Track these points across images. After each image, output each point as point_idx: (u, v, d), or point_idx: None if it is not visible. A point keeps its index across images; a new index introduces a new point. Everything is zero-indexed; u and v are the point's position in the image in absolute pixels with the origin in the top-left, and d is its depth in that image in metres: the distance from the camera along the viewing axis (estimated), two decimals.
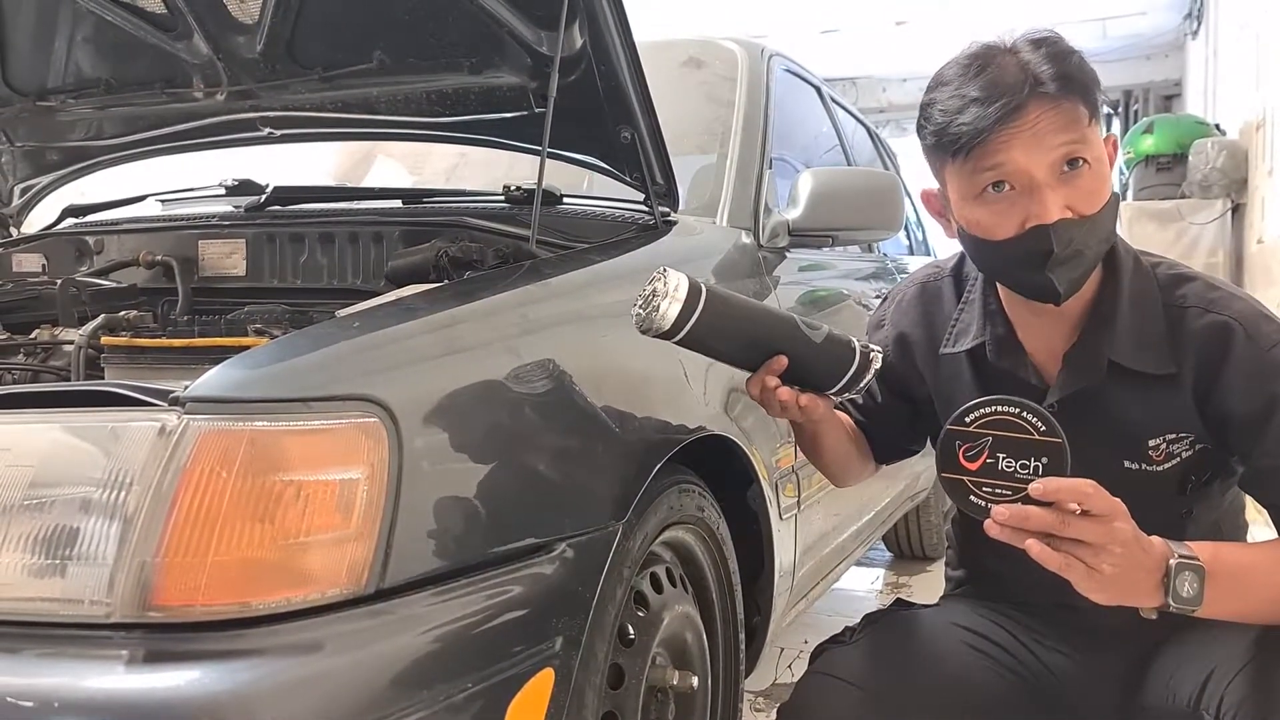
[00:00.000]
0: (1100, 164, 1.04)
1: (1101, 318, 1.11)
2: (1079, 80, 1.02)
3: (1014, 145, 1.01)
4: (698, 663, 1.37)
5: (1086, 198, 1.03)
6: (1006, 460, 0.94)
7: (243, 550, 0.79)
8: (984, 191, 1.04)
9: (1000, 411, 0.95)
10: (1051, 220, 1.01)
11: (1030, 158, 1.01)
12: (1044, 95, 1.01)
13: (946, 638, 1.21)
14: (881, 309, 1.36)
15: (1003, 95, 1.01)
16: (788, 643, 2.43)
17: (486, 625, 0.91)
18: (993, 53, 1.05)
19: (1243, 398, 1.05)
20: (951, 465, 0.96)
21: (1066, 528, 0.90)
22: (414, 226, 1.56)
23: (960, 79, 1.04)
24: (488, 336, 1.05)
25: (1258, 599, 0.99)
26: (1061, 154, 1.01)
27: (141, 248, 1.65)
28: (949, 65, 1.08)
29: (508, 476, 0.98)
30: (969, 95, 1.03)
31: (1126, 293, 1.10)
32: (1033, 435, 0.94)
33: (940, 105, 1.05)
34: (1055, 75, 1.01)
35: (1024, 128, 1.01)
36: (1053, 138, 1.01)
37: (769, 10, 7.74)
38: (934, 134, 1.06)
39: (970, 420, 0.96)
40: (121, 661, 0.75)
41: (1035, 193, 1.02)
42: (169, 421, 0.80)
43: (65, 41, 1.79)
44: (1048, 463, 0.93)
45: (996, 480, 0.94)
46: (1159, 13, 7.83)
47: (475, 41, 1.53)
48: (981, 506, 0.94)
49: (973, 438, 0.95)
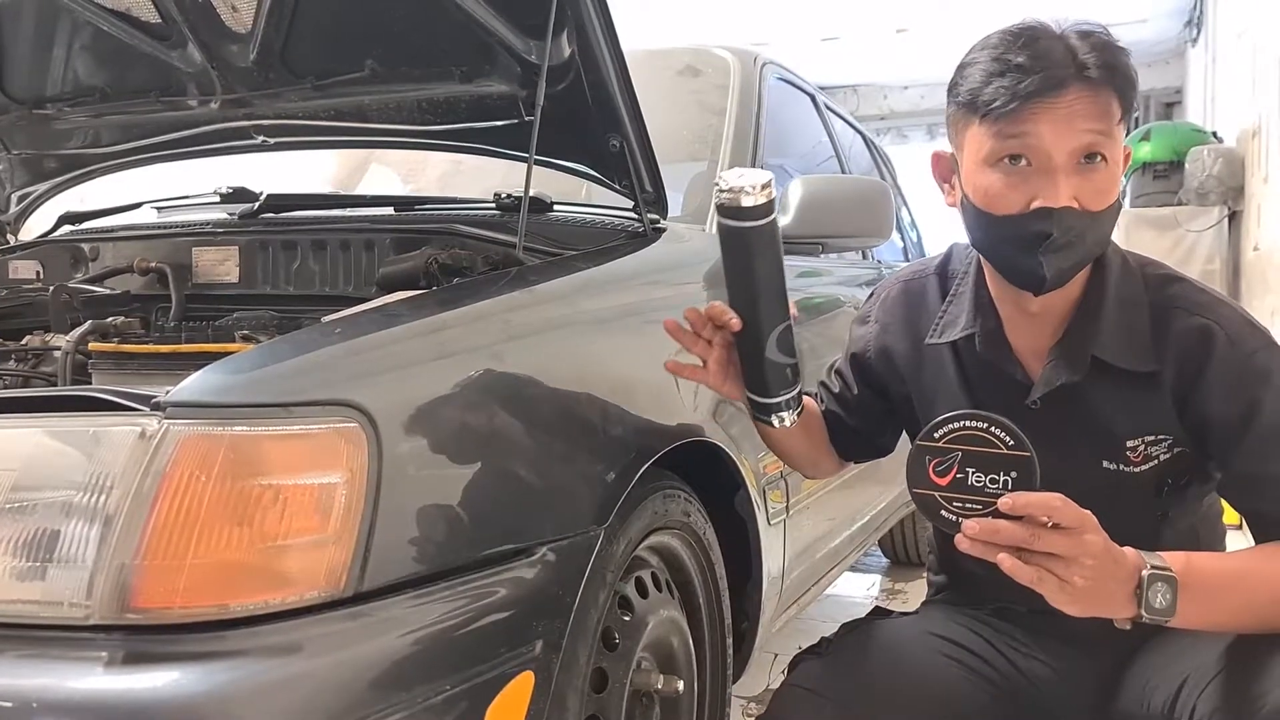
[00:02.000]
0: (1116, 165, 1.05)
1: (1086, 314, 1.11)
2: (1122, 74, 1.03)
3: (1043, 120, 1.01)
4: (684, 667, 1.37)
5: (1095, 194, 1.03)
6: (976, 475, 0.94)
7: (222, 553, 0.80)
8: (1001, 160, 1.05)
9: (969, 426, 0.96)
10: (1059, 205, 1.02)
11: (1056, 137, 1.01)
12: (1087, 79, 1.01)
13: (922, 647, 1.21)
14: (867, 305, 1.37)
15: (1048, 67, 1.01)
16: (781, 648, 2.43)
17: (466, 628, 0.92)
18: (1041, 32, 1.05)
19: (1222, 402, 1.05)
20: (922, 481, 0.97)
21: (1037, 541, 0.90)
22: (405, 234, 1.57)
23: (1007, 45, 1.05)
24: (471, 343, 1.06)
25: (1230, 609, 0.99)
26: (1086, 141, 1.02)
27: (136, 255, 1.66)
28: (994, 33, 1.08)
29: (489, 481, 0.99)
30: (1013, 61, 1.03)
31: (1113, 291, 1.11)
32: (1001, 449, 0.94)
33: (982, 66, 1.05)
34: (1101, 63, 1.01)
35: (1060, 105, 1.01)
36: (1083, 122, 1.01)
37: (770, 18, 7.76)
38: (969, 92, 1.06)
39: (939, 435, 0.97)
40: (101, 663, 0.77)
41: (1050, 174, 1.02)
42: (149, 426, 0.81)
43: (63, 50, 1.81)
44: (1017, 477, 0.93)
45: (967, 495, 0.95)
46: (1160, 20, 7.85)
47: (466, 50, 1.54)
48: (952, 521, 0.95)
49: (942, 453, 0.96)
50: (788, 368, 1.17)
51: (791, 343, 1.16)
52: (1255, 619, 1.00)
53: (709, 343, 1.17)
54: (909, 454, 0.99)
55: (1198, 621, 0.98)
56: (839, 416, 1.36)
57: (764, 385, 1.17)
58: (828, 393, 1.38)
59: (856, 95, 9.84)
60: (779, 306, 1.15)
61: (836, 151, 2.74)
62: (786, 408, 1.19)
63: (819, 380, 1.43)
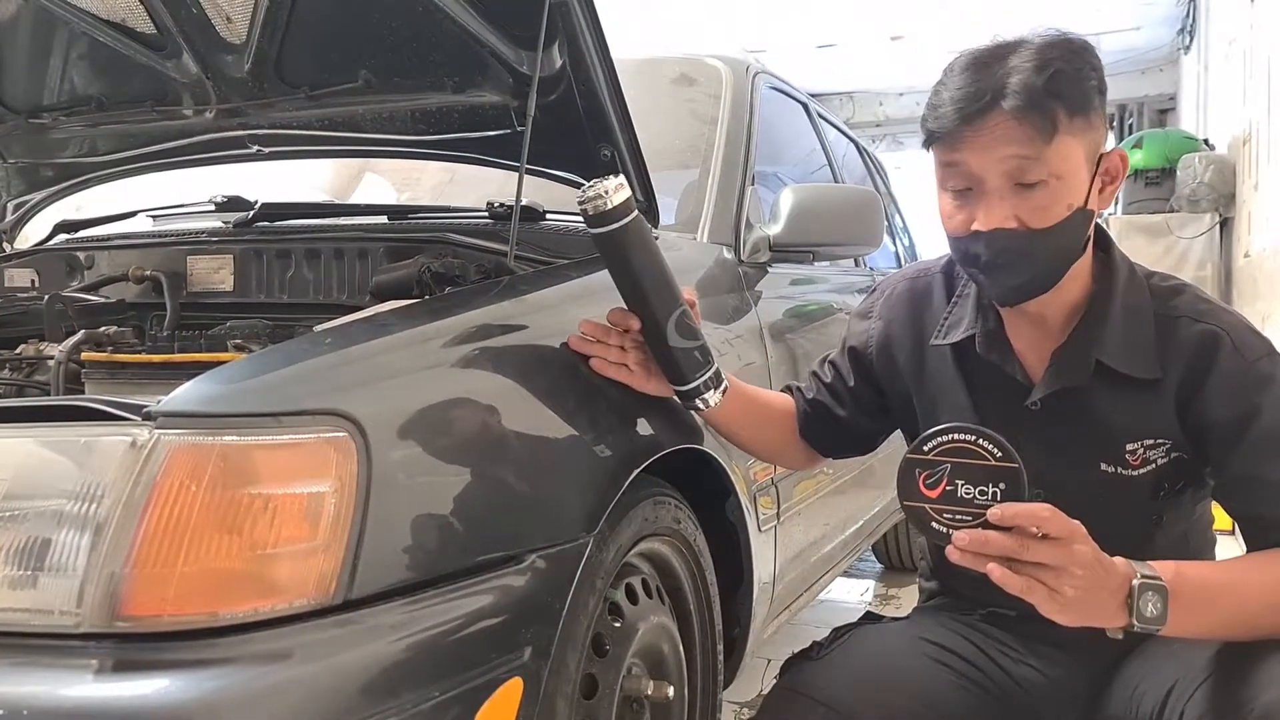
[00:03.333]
0: (1061, 181, 1.05)
1: (1092, 320, 1.13)
2: (1045, 100, 1.03)
3: (968, 148, 1.05)
4: (674, 673, 1.38)
5: (1035, 211, 1.05)
6: (965, 487, 0.96)
7: (212, 561, 0.81)
8: (949, 184, 1.09)
9: (957, 439, 0.97)
10: (987, 228, 1.05)
11: (982, 162, 1.05)
12: (1002, 110, 1.03)
13: (912, 652, 1.22)
14: (869, 300, 1.38)
15: (969, 99, 1.05)
16: (774, 654, 2.43)
17: (454, 635, 0.93)
18: (996, 52, 1.08)
19: (1224, 406, 1.07)
20: (912, 493, 0.99)
21: (1026, 551, 0.92)
22: (398, 242, 1.58)
23: (954, 73, 1.09)
24: (460, 352, 1.07)
25: (1220, 617, 1.01)
26: (1010, 167, 1.04)
27: (132, 263, 1.68)
28: (960, 55, 1.11)
29: (478, 489, 1.00)
30: (946, 92, 1.07)
31: (1119, 299, 1.13)
32: (989, 461, 0.96)
33: (932, 95, 1.10)
34: (1022, 90, 1.02)
35: (981, 133, 1.04)
36: (1003, 149, 1.04)
37: (767, 25, 7.80)
38: (922, 119, 1.12)
39: (928, 448, 0.98)
40: (91, 671, 0.77)
41: (984, 197, 1.06)
42: (140, 436, 0.82)
43: (59, 60, 1.82)
44: (1005, 488, 0.95)
45: (956, 507, 0.96)
46: (1153, 28, 7.89)
47: (458, 61, 1.55)
48: (943, 533, 0.96)
49: (931, 465, 0.98)
50: (695, 350, 1.22)
51: (692, 326, 1.21)
52: (1245, 627, 1.01)
53: (622, 349, 1.20)
54: (899, 466, 1.00)
55: (1189, 630, 0.99)
56: (826, 407, 1.36)
57: (679, 373, 1.22)
58: (818, 383, 1.38)
59: (852, 102, 9.87)
60: (669, 296, 1.19)
61: (829, 159, 2.76)
62: (706, 388, 1.24)
63: (809, 370, 1.44)
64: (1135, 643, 1.12)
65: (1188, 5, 7.30)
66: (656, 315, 1.18)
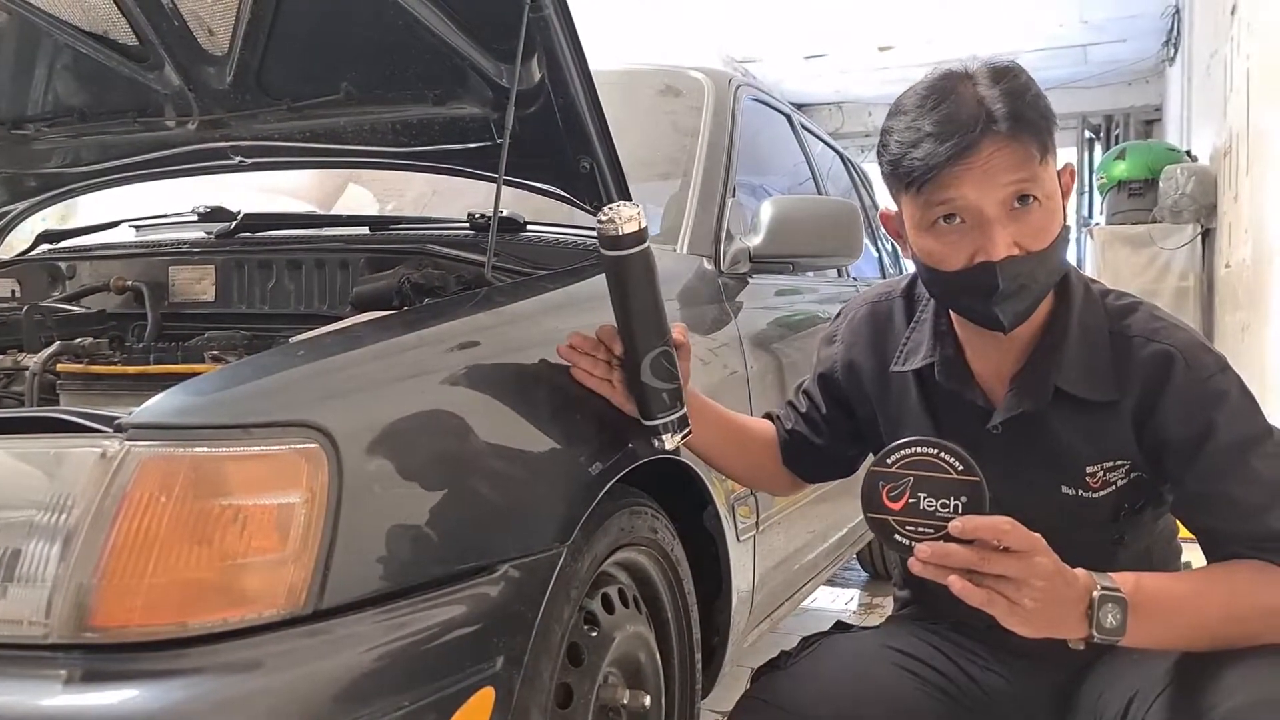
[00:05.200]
0: (1051, 200, 1.05)
1: (1050, 344, 1.13)
2: (1032, 119, 1.03)
3: (965, 182, 1.03)
4: (651, 682, 1.39)
5: (1035, 234, 1.05)
6: (928, 499, 0.97)
7: (181, 571, 0.82)
8: (936, 223, 1.07)
9: (920, 452, 0.99)
10: (999, 258, 1.03)
11: (981, 194, 1.03)
12: (996, 133, 1.02)
13: (880, 660, 1.23)
14: (834, 324, 1.39)
15: (956, 132, 1.02)
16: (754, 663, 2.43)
17: (425, 645, 0.93)
18: (951, 83, 1.06)
19: (1179, 424, 1.08)
20: (876, 505, 1.00)
21: (987, 564, 0.93)
22: (379, 253, 1.59)
23: (917, 110, 1.06)
24: (434, 363, 1.08)
25: (1180, 628, 1.02)
26: (1012, 191, 1.03)
27: (113, 273, 1.68)
28: (908, 93, 1.09)
29: (451, 500, 1.01)
30: (923, 129, 1.04)
31: (1076, 321, 1.13)
32: (951, 474, 0.97)
33: (896, 136, 1.07)
34: (1009, 114, 1.02)
35: (976, 165, 1.02)
36: (1004, 175, 1.03)
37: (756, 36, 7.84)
38: (890, 164, 1.09)
39: (892, 461, 1.00)
40: (59, 681, 0.78)
41: (985, 228, 1.04)
42: (111, 447, 0.83)
43: (42, 72, 1.83)
44: (967, 501, 0.96)
45: (919, 519, 0.98)
46: (1139, 40, 7.96)
47: (438, 74, 1.56)
48: (905, 545, 0.98)
49: (895, 478, 0.99)
50: (664, 392, 1.21)
51: (668, 368, 1.21)
52: (1205, 637, 1.02)
53: (608, 364, 1.21)
54: (864, 479, 1.01)
55: (1148, 640, 1.00)
56: (804, 436, 1.38)
57: (644, 407, 1.23)
58: (794, 413, 1.40)
59: (841, 112, 9.91)
60: (653, 333, 1.19)
61: (812, 170, 2.77)
62: (666, 430, 1.23)
63: (786, 400, 1.45)
64: (1100, 652, 1.13)
65: (1172, 18, 7.36)
66: (637, 347, 1.19)
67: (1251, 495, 1.05)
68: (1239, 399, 1.08)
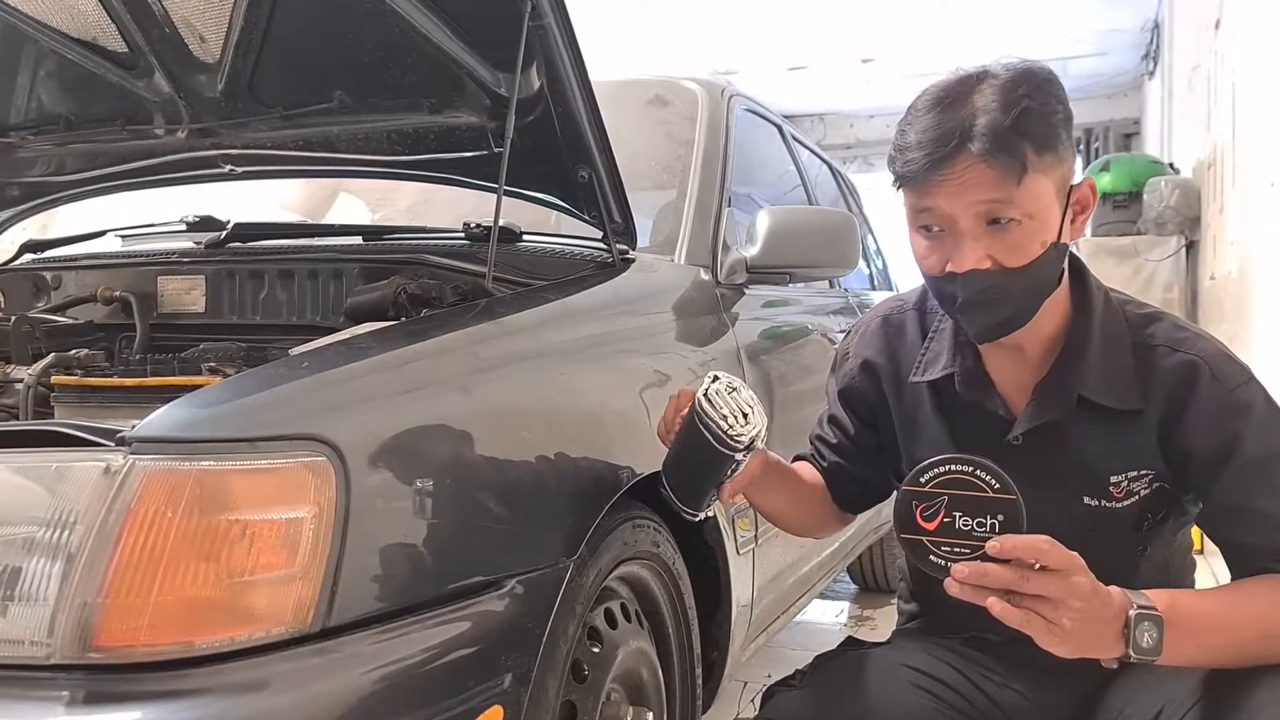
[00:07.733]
0: (1033, 219, 1.03)
1: (1072, 353, 1.13)
2: (1012, 140, 1.01)
3: (939, 193, 1.03)
4: (653, 698, 1.37)
5: (1010, 251, 1.04)
6: (963, 519, 0.95)
7: (187, 589, 0.79)
8: (921, 225, 1.08)
9: (955, 470, 0.97)
10: (962, 270, 1.04)
11: (954, 206, 1.03)
12: (970, 152, 1.01)
13: (894, 679, 1.21)
14: (845, 343, 1.37)
15: (936, 143, 1.02)
16: (750, 676, 2.43)
17: (433, 663, 0.91)
18: (961, 87, 1.05)
19: (1205, 436, 1.07)
20: (910, 526, 0.97)
21: (1025, 584, 0.91)
22: (374, 263, 1.57)
23: (918, 112, 1.06)
24: (438, 375, 1.06)
25: (1214, 645, 1.00)
26: (981, 210, 1.03)
27: (100, 283, 1.65)
28: (925, 91, 1.09)
29: (457, 514, 0.99)
30: (913, 135, 1.05)
31: (1097, 330, 1.12)
32: (987, 493, 0.95)
33: (898, 135, 1.08)
34: (988, 132, 1.01)
35: (951, 177, 1.02)
36: (975, 193, 1.02)
37: (739, 48, 7.86)
38: (889, 160, 1.10)
39: (926, 480, 0.98)
40: (62, 703, 0.75)
41: (957, 239, 1.05)
42: (114, 461, 0.80)
43: (27, 78, 1.80)
44: (1003, 520, 0.94)
45: (954, 539, 0.95)
46: (1119, 53, 8.04)
47: (435, 82, 1.55)
48: (941, 566, 0.95)
49: (929, 497, 0.97)
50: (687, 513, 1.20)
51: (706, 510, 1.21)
52: (1238, 655, 1.01)
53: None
54: (896, 499, 0.99)
55: (1183, 659, 0.98)
56: (841, 466, 1.35)
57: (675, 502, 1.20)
58: (825, 445, 1.36)
59: (823, 124, 9.96)
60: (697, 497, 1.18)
61: (803, 181, 2.78)
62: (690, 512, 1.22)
63: (813, 435, 1.40)
64: (1119, 668, 1.12)
65: (1152, 32, 7.45)
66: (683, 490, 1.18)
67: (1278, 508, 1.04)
68: (1265, 410, 1.07)
